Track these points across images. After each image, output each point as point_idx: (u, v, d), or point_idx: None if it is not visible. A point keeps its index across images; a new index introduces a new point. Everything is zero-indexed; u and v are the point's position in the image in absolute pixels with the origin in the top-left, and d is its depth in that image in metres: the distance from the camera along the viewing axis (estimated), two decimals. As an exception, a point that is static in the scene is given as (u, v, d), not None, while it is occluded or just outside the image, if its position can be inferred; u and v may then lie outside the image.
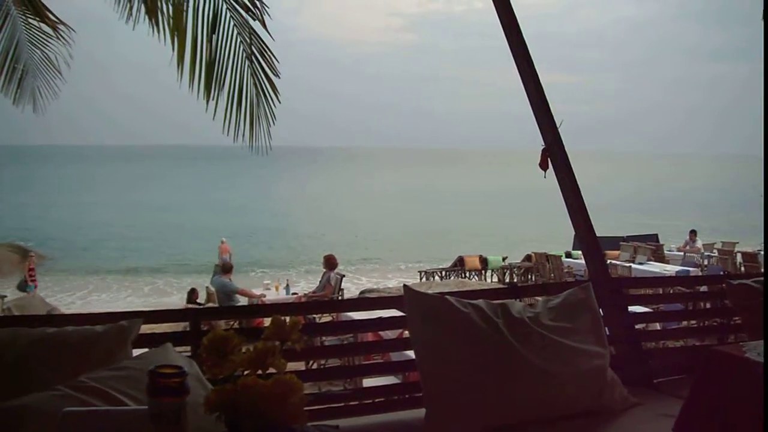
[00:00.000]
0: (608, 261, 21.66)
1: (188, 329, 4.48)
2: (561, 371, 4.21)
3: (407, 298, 4.20)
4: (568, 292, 4.66)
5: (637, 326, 6.25)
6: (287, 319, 2.39)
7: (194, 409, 2.22)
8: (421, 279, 25.24)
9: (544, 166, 5.43)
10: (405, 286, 4.28)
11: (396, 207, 67.28)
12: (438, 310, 4.16)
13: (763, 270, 18.39)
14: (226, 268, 17.09)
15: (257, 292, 17.68)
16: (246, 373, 2.27)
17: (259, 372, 2.27)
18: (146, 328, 4.06)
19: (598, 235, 5.67)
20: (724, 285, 6.00)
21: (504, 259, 26.35)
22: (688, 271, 20.16)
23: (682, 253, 24.74)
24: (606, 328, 4.93)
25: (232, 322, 10.38)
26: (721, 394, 3.56)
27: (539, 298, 4.69)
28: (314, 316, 12.30)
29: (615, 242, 24.85)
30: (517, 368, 4.12)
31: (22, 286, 22.11)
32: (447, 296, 4.26)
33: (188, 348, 4.27)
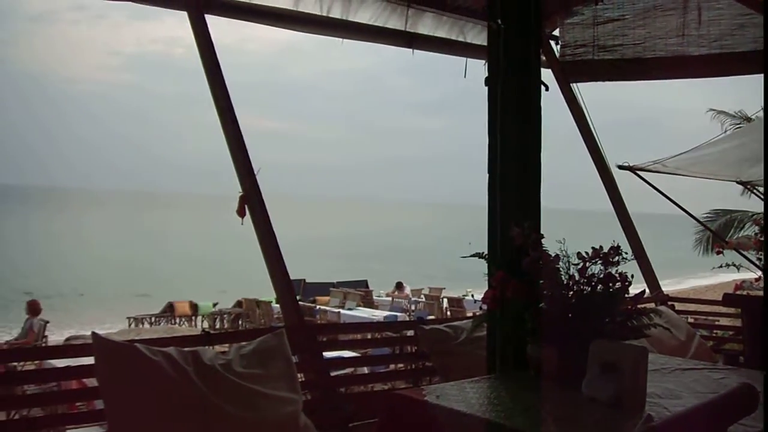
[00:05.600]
0: (318, 306, 22.01)
1: None
2: (253, 418, 4.21)
3: (95, 345, 4.05)
4: (261, 338, 4.68)
5: (345, 371, 6.37)
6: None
7: None
8: (129, 325, 24.36)
9: (241, 212, 5.47)
10: (93, 333, 4.14)
11: (110, 251, 65.00)
12: (127, 358, 4.04)
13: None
14: None
15: (-48, 340, 16.61)
16: None
17: None
18: None
19: (311, 280, 5.78)
20: (416, 331, 6.24)
21: (215, 305, 26.13)
22: (396, 316, 20.69)
23: (390, 299, 25.50)
24: (301, 374, 4.99)
25: None
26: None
27: (233, 345, 4.68)
28: (15, 364, 11.67)
29: (327, 288, 25.29)
30: (208, 416, 4.08)
31: None
32: (137, 344, 4.16)
33: None
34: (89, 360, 4.69)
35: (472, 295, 22.40)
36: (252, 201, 5.45)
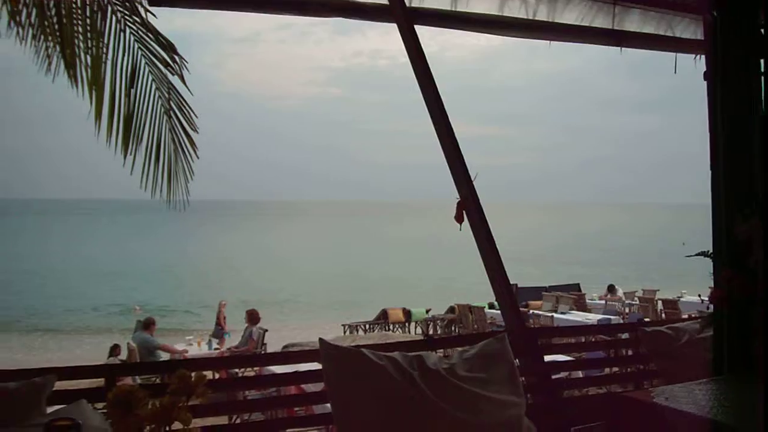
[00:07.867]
0: (531, 311, 21.88)
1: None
2: (477, 422, 4.24)
3: (323, 351, 4.20)
4: (483, 342, 4.70)
5: (560, 375, 6.30)
6: (193, 373, 2.40)
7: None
8: (344, 333, 24.94)
9: (459, 218, 5.49)
10: (321, 339, 4.28)
11: (321, 260, 66.77)
12: (353, 362, 4.17)
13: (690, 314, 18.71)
14: (147, 324, 16.73)
15: (180, 347, 17.36)
16: (152, 427, 2.26)
17: (166, 427, 2.27)
18: (63, 385, 4.01)
19: (522, 285, 5.75)
20: (637, 333, 6.15)
21: (428, 311, 26.39)
22: (610, 319, 20.27)
23: (603, 302, 25.06)
24: (523, 378, 4.99)
25: (153, 378, 10.27)
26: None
27: (455, 350, 4.73)
28: (237, 370, 12.16)
29: (538, 292, 25.08)
30: (432, 419, 4.13)
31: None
32: (362, 349, 4.28)
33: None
34: (308, 366, 4.88)
35: (699, 295, 21.65)
36: (470, 207, 5.47)
